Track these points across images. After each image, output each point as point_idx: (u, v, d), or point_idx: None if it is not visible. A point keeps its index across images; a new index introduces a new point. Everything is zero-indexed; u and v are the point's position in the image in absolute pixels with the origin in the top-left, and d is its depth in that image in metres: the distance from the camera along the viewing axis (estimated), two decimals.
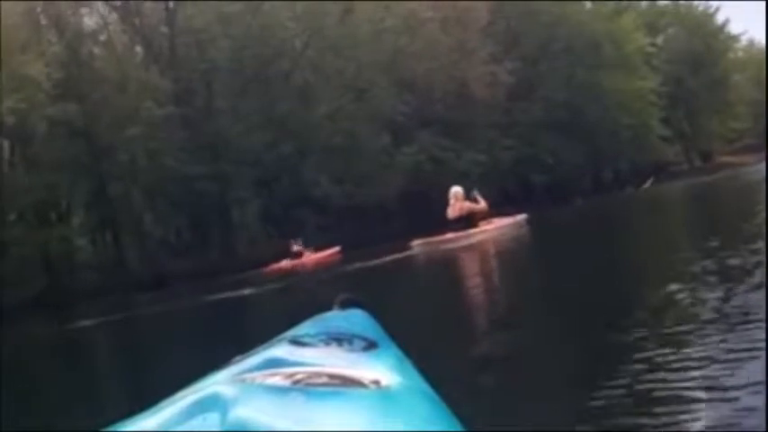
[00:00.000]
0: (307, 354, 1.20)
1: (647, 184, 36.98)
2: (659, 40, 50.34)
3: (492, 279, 8.83)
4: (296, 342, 1.30)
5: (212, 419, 0.88)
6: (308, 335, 1.37)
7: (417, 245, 14.67)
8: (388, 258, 13.72)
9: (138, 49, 34.49)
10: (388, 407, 0.94)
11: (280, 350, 1.23)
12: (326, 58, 33.04)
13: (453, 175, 34.19)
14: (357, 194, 31.49)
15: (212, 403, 0.91)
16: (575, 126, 38.34)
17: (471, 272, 10.41)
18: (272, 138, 31.31)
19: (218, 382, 1.03)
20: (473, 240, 14.01)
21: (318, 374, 1.04)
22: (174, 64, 32.22)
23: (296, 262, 21.82)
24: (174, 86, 31.00)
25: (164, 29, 32.64)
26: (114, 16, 33.29)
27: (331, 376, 1.04)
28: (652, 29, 48.99)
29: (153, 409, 0.99)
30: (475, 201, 15.47)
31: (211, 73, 32.46)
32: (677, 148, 51.62)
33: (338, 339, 1.32)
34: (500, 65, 35.55)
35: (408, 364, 1.22)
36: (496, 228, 15.16)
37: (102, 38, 33.31)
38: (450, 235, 14.51)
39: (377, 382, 1.02)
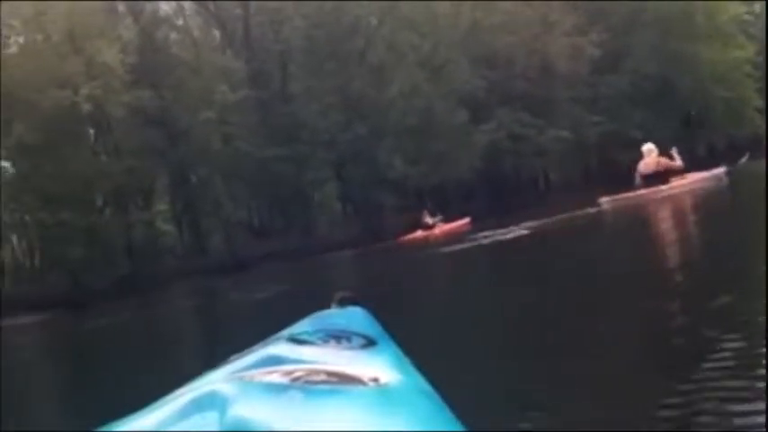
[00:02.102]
0: (305, 351, 1.20)
1: (743, 160, 34.70)
2: (756, 7, 47.19)
3: (672, 246, 7.68)
4: (294, 340, 1.30)
5: (210, 418, 0.87)
6: (306, 332, 1.37)
7: (606, 201, 14.22)
8: (522, 227, 13.10)
9: (215, 33, 34.53)
10: (386, 405, 0.93)
11: (278, 348, 1.23)
12: (402, 35, 32.15)
13: (533, 152, 33.14)
14: (434, 174, 30.69)
15: (210, 401, 0.90)
16: (665, 99, 36.30)
17: (647, 236, 9.29)
18: (347, 118, 30.80)
19: (216, 381, 1.02)
20: (665, 195, 13.35)
21: (317, 372, 1.03)
22: (249, 46, 32.03)
23: (428, 233, 22.32)
24: (249, 69, 30.80)
25: (238, 11, 32.45)
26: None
27: (329, 374, 1.02)
28: None
29: (151, 408, 0.98)
30: (671, 158, 14.69)
31: (286, 54, 32.12)
32: None
33: (337, 337, 1.32)
34: (585, 37, 33.85)
35: (407, 362, 1.21)
36: (691, 182, 14.38)
37: (179, 22, 33.45)
38: (642, 191, 13.93)
39: (376, 380, 1.02)
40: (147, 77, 28.15)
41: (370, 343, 1.30)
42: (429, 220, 23.92)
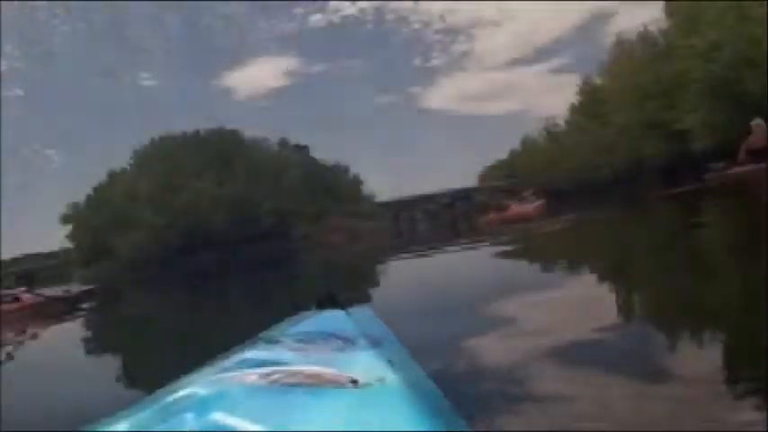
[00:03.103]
0: (284, 354, 1.19)
1: None
2: None
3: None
4: (273, 342, 1.31)
5: (190, 419, 0.88)
6: (285, 335, 1.38)
7: (710, 177, 13.79)
8: (612, 208, 12.58)
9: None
10: (364, 405, 0.92)
11: (257, 350, 1.23)
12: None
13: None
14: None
15: (190, 403, 0.91)
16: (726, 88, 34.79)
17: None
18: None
19: (196, 383, 1.03)
20: None
21: (295, 374, 1.03)
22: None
23: (502, 215, 22.40)
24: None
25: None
26: None
27: (308, 375, 1.02)
28: None
29: (132, 410, 0.98)
30: None
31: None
32: None
33: (315, 339, 1.32)
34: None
35: (382, 364, 1.20)
36: None
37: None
38: (748, 167, 13.08)
39: (354, 382, 1.02)
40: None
41: (347, 345, 1.29)
42: (504, 201, 23.85)
